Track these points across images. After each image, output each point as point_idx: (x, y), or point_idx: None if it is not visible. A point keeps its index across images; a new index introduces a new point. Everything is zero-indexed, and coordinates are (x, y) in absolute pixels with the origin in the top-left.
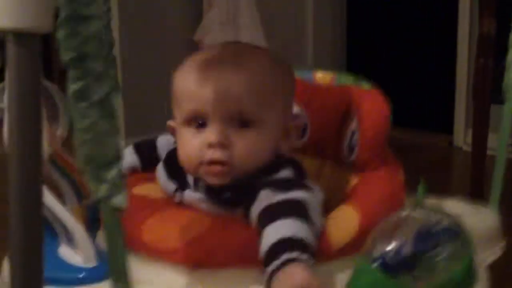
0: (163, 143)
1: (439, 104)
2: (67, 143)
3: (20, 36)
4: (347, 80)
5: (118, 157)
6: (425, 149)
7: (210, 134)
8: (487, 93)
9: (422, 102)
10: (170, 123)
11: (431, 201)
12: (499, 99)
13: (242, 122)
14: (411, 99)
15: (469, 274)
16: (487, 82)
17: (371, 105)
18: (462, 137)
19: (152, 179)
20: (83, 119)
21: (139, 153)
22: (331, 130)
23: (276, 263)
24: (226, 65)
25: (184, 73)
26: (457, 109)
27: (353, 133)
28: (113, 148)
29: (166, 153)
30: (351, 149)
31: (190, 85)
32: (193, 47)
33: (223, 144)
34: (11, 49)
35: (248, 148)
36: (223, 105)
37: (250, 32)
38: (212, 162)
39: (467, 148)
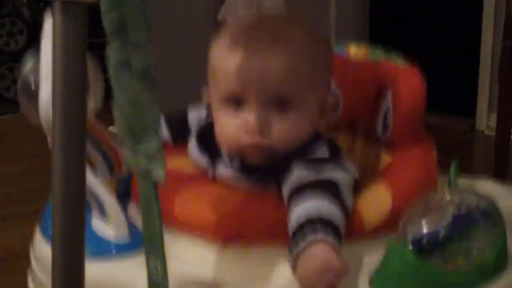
0: (194, 116)
1: (461, 88)
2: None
3: (67, 5)
4: (380, 55)
5: (158, 129)
6: (447, 133)
7: (249, 118)
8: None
9: (444, 86)
10: (206, 91)
11: (463, 182)
12: None
13: (281, 103)
14: (433, 82)
15: (502, 257)
16: None
17: (407, 83)
18: (484, 121)
19: (183, 153)
20: (126, 91)
21: (169, 126)
22: (363, 106)
23: (302, 243)
24: (265, 44)
25: (222, 49)
26: (480, 93)
27: (387, 111)
28: (154, 119)
29: (196, 126)
30: (385, 127)
31: (228, 64)
32: (217, 26)
33: (262, 129)
34: (57, 19)
35: (286, 131)
36: (262, 87)
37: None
38: (251, 146)
39: (489, 132)
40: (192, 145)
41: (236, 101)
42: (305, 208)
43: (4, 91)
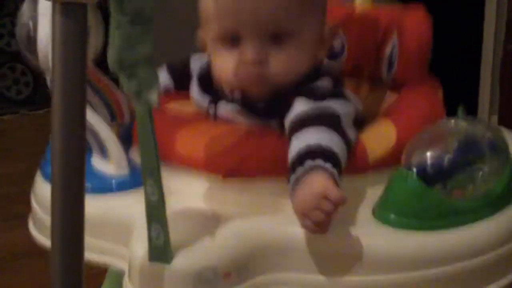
0: (196, 62)
1: (462, 90)
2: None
3: (67, 6)
4: (388, 3)
5: (150, 57)
6: None
7: (246, 51)
8: None
9: (445, 88)
10: (201, 36)
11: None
12: None
13: (278, 35)
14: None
15: (509, 189)
16: None
17: (412, 20)
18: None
19: (186, 98)
20: (118, 27)
21: (172, 73)
22: (369, 52)
23: (300, 169)
24: None
25: None
26: (481, 95)
27: (393, 48)
28: (146, 50)
29: (198, 70)
30: (390, 64)
31: (221, 2)
32: None
33: (260, 60)
34: (57, 19)
35: (285, 62)
36: (257, 21)
37: None
38: (250, 80)
39: None
40: (194, 87)
41: (232, 39)
42: (305, 139)
43: (5, 90)
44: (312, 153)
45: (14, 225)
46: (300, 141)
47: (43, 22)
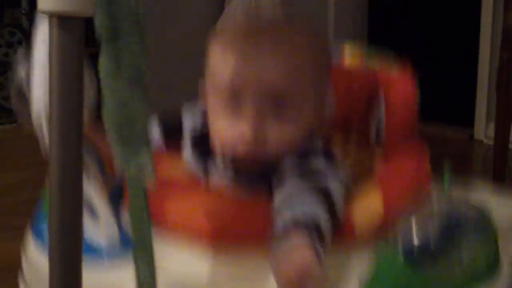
0: (189, 119)
1: (459, 98)
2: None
3: (64, 19)
4: (376, 60)
5: (149, 138)
6: (445, 143)
7: (245, 128)
8: (510, 86)
9: (442, 95)
10: (202, 92)
11: (457, 191)
12: None
13: (278, 102)
14: (431, 92)
15: (493, 266)
16: (511, 76)
17: (400, 91)
18: (483, 130)
19: (176, 158)
20: (115, 97)
21: (163, 128)
22: (356, 113)
23: (285, 244)
24: (264, 46)
25: (220, 50)
26: (478, 102)
27: (380, 119)
28: (144, 128)
29: (192, 132)
30: (378, 134)
31: (226, 65)
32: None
33: (257, 140)
34: (54, 33)
35: (284, 132)
36: (259, 87)
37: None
38: (245, 151)
39: (488, 141)
40: (186, 147)
41: (233, 102)
42: (292, 212)
43: (3, 101)
44: (297, 224)
45: (10, 237)
46: (287, 213)
47: (37, 80)
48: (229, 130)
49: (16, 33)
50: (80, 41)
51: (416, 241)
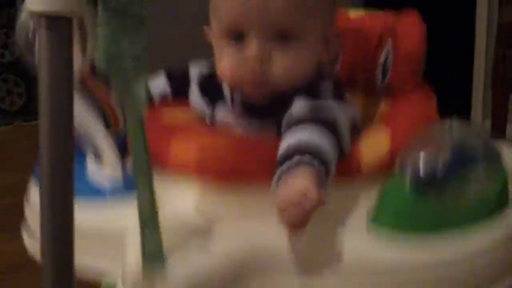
0: (196, 69)
1: (455, 94)
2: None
3: (52, 19)
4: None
5: (139, 57)
6: None
7: (249, 47)
8: (506, 82)
9: (437, 92)
10: (208, 32)
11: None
12: None
13: (284, 35)
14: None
15: (501, 195)
16: (507, 71)
17: (407, 26)
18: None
19: (184, 105)
20: (107, 30)
21: (170, 79)
22: (363, 59)
23: (287, 163)
24: None
25: None
26: (474, 99)
27: (387, 55)
28: (135, 48)
29: (198, 77)
30: (384, 71)
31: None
32: None
33: (262, 60)
34: (42, 34)
35: (288, 64)
36: (263, 18)
37: None
38: (251, 78)
39: None
40: (193, 92)
41: (237, 36)
42: (297, 136)
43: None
44: (302, 148)
45: (9, 238)
46: (292, 137)
47: None
48: (235, 61)
49: (11, 35)
50: (69, 41)
51: (422, 172)
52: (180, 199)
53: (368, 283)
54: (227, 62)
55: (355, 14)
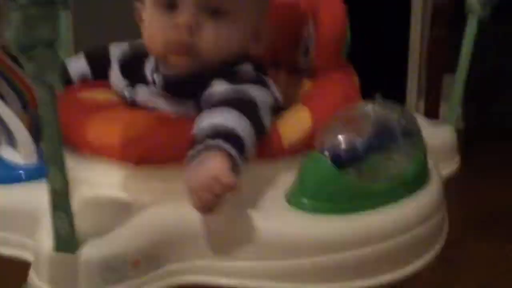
0: (116, 50)
1: (390, 75)
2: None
3: None
4: None
5: (52, 41)
6: None
7: (180, 15)
8: (440, 63)
9: (373, 73)
10: (139, 5)
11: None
12: (452, 69)
13: (215, 9)
14: (361, 70)
15: (421, 172)
16: (441, 53)
17: (328, 9)
18: (413, 108)
19: (103, 86)
20: (19, 15)
21: (90, 60)
22: (286, 38)
23: (199, 147)
24: None
25: None
26: (409, 80)
27: (308, 36)
28: (47, 33)
29: (119, 57)
30: (305, 52)
31: None
32: None
33: (191, 27)
34: None
35: (216, 35)
36: None
37: None
38: (179, 44)
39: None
40: (114, 72)
41: (170, 5)
42: (211, 119)
43: None
44: (214, 132)
45: None
46: (206, 120)
47: None
48: (165, 29)
49: None
50: None
51: (342, 143)
52: (98, 181)
53: (288, 262)
54: (157, 29)
55: None
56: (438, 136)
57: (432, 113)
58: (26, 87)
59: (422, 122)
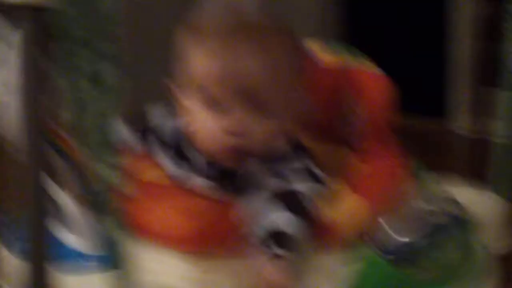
0: (158, 117)
1: (433, 88)
2: None
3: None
4: (348, 58)
5: (112, 143)
6: (419, 134)
7: (231, 121)
8: (488, 77)
9: (415, 86)
10: (175, 90)
11: (436, 186)
12: (499, 84)
13: (261, 107)
14: (403, 83)
15: (470, 264)
16: (488, 66)
17: (373, 89)
18: (459, 121)
19: (153, 162)
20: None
21: (131, 127)
22: (328, 111)
23: (263, 257)
24: (246, 48)
25: (201, 47)
26: (453, 93)
27: (352, 118)
28: (106, 133)
29: (169, 136)
30: (351, 134)
31: (208, 69)
32: None
33: (243, 133)
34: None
35: (266, 134)
36: (243, 91)
37: None
38: (230, 150)
39: (464, 132)
40: (166, 156)
41: (215, 104)
42: (265, 220)
43: None
44: (268, 238)
45: None
46: (263, 224)
47: None
48: (215, 125)
49: None
50: (44, 32)
51: (402, 241)
52: (163, 270)
53: None
54: (207, 132)
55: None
56: (488, 209)
57: (479, 126)
58: (82, 161)
59: (470, 193)
